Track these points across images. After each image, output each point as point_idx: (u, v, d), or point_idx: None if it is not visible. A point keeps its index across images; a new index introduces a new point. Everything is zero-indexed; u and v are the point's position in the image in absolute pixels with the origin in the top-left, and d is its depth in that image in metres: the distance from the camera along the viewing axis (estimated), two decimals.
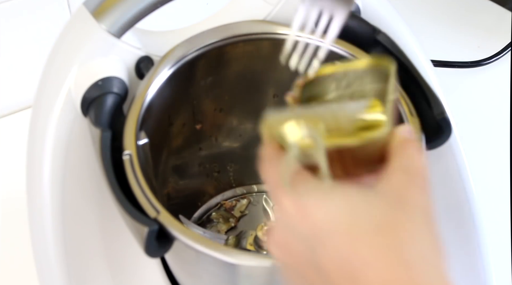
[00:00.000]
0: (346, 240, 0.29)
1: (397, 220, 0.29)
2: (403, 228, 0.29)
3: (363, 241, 0.28)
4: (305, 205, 0.30)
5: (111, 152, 0.42)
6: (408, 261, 0.28)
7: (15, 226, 0.61)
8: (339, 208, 0.29)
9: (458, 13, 0.94)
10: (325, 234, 0.29)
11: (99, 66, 0.45)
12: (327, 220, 0.29)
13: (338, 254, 0.29)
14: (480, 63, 0.84)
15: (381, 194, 0.30)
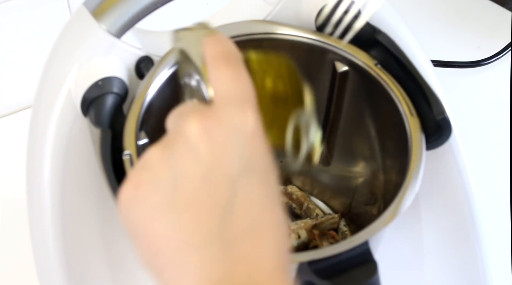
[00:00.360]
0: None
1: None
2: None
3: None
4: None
5: (111, 152, 0.42)
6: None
7: (15, 226, 0.61)
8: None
9: (458, 13, 0.94)
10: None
11: (99, 66, 0.45)
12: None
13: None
14: (480, 63, 0.84)
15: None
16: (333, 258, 0.37)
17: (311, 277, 0.36)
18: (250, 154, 0.29)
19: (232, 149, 0.29)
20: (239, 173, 0.29)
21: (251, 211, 0.29)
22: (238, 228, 0.28)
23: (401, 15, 0.53)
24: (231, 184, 0.28)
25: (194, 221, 0.28)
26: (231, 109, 0.30)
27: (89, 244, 0.53)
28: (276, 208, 0.30)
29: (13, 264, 0.64)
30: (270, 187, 0.30)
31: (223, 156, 0.29)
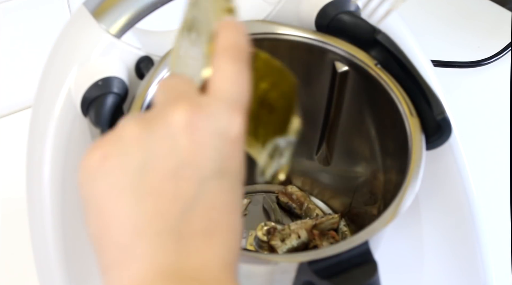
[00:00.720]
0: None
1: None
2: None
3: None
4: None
5: None
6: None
7: (15, 226, 0.61)
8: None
9: (458, 13, 0.94)
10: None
11: (99, 66, 0.45)
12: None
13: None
14: (480, 63, 0.84)
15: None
16: (333, 258, 0.37)
17: (311, 277, 0.36)
18: (226, 159, 0.29)
19: (211, 149, 0.29)
20: (210, 175, 0.28)
21: (212, 213, 0.28)
22: (195, 225, 0.28)
23: (401, 15, 0.53)
24: (199, 183, 0.28)
25: (154, 209, 0.28)
26: (222, 108, 0.29)
27: (89, 243, 0.53)
28: (235, 214, 0.30)
29: (13, 264, 0.64)
30: (235, 194, 0.30)
31: (200, 154, 0.28)
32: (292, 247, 0.57)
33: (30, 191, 0.50)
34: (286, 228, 0.57)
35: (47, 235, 0.50)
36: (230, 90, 0.30)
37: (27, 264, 0.55)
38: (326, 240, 0.58)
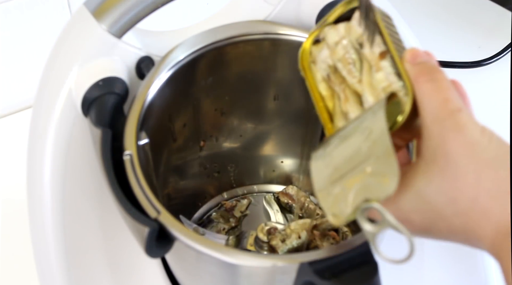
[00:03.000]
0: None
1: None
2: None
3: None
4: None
5: (112, 152, 0.42)
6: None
7: (16, 225, 0.61)
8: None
9: (459, 13, 0.94)
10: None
11: (100, 66, 0.45)
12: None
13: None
14: (480, 63, 0.84)
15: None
16: (334, 259, 0.37)
17: (311, 277, 0.36)
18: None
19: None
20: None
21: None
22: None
23: (401, 15, 0.53)
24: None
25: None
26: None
27: (89, 243, 0.53)
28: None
29: (13, 264, 0.64)
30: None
31: None
32: (292, 247, 0.57)
33: (30, 190, 0.50)
34: (287, 228, 0.57)
35: (47, 234, 0.50)
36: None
37: (28, 263, 0.55)
38: (327, 241, 0.58)
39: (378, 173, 0.34)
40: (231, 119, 0.59)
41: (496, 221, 0.32)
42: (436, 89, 0.35)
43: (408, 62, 0.37)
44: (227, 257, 0.38)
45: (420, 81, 0.36)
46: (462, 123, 0.34)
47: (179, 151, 0.58)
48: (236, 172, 0.64)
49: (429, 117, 0.35)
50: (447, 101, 0.35)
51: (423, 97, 0.36)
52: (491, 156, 0.33)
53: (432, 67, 0.36)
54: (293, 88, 0.56)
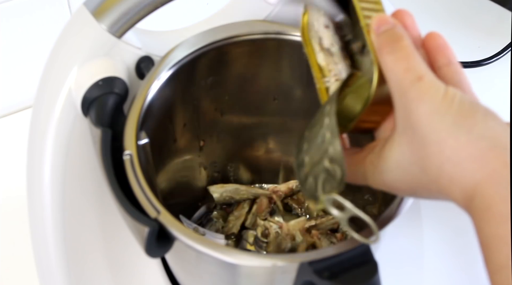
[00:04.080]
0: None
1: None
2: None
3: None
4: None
5: (112, 152, 0.42)
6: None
7: (16, 225, 0.61)
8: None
9: (458, 13, 0.94)
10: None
11: (100, 66, 0.45)
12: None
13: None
14: (480, 63, 0.84)
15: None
16: (334, 258, 0.37)
17: (311, 277, 0.36)
18: None
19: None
20: None
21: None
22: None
23: None
24: None
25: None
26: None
27: (89, 243, 0.53)
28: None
29: (13, 264, 0.64)
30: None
31: None
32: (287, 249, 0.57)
33: (30, 190, 0.50)
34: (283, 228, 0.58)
35: (47, 234, 0.50)
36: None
37: (28, 263, 0.55)
38: (328, 240, 0.58)
39: (333, 164, 0.37)
40: (231, 119, 0.59)
41: (461, 187, 0.33)
42: (397, 60, 0.35)
43: (374, 31, 0.37)
44: (227, 257, 0.38)
45: (383, 52, 0.36)
46: (423, 92, 0.34)
47: (179, 150, 0.58)
48: (236, 171, 0.64)
49: (394, 90, 0.36)
50: (408, 71, 0.35)
51: (386, 70, 0.36)
52: (450, 122, 0.33)
53: (394, 35, 0.36)
54: (293, 88, 0.56)
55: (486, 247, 0.32)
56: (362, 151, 0.40)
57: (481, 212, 0.32)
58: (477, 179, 0.32)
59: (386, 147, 0.37)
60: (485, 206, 0.32)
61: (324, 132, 0.38)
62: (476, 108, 0.34)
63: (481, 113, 0.34)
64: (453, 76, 0.38)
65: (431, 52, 0.38)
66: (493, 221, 0.31)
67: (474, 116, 0.34)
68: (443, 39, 0.38)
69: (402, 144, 0.36)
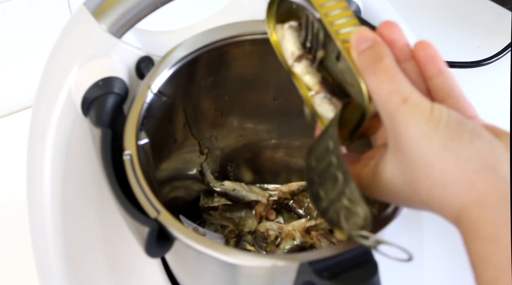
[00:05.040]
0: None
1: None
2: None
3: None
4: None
5: (112, 152, 0.42)
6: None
7: (16, 225, 0.61)
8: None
9: (458, 13, 0.94)
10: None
11: (100, 66, 0.45)
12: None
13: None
14: (480, 63, 0.84)
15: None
16: (334, 258, 0.37)
17: (311, 277, 0.36)
18: None
19: None
20: None
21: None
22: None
23: (401, 15, 0.53)
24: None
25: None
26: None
27: (89, 243, 0.53)
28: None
29: (13, 264, 0.64)
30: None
31: None
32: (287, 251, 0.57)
33: (30, 190, 0.50)
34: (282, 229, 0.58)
35: (47, 234, 0.50)
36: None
37: (28, 263, 0.55)
38: (327, 240, 0.58)
39: (353, 204, 0.36)
40: (231, 119, 0.59)
41: (450, 208, 0.34)
42: (381, 83, 0.35)
43: (354, 49, 0.36)
44: (227, 257, 0.38)
45: (366, 74, 0.36)
46: (409, 116, 0.34)
47: (179, 150, 0.58)
48: (236, 171, 0.64)
49: (381, 112, 0.35)
50: (391, 94, 0.34)
51: (372, 92, 0.36)
52: (438, 145, 0.33)
53: (375, 55, 0.36)
54: (293, 88, 0.56)
55: (475, 266, 0.33)
56: (359, 161, 0.40)
57: (468, 233, 0.33)
58: (465, 201, 0.33)
59: (380, 165, 0.37)
60: (472, 227, 0.32)
61: (335, 172, 0.37)
62: (463, 127, 0.34)
63: (468, 132, 0.33)
64: (444, 86, 0.37)
65: (421, 62, 0.38)
66: (480, 243, 0.32)
67: (461, 137, 0.33)
68: (433, 48, 0.38)
69: (393, 164, 0.36)
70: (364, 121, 0.38)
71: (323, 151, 0.39)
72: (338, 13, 0.38)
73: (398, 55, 0.37)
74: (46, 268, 0.52)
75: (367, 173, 0.38)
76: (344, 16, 0.38)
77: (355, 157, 0.41)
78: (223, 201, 0.63)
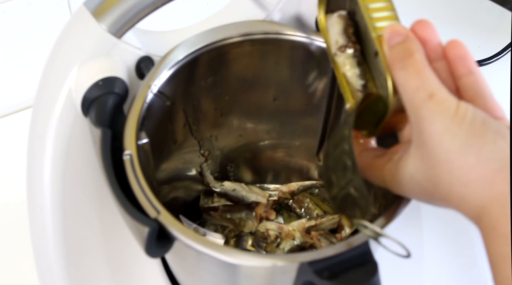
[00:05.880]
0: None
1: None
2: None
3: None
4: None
5: (112, 152, 0.42)
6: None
7: (16, 226, 0.61)
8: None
9: (458, 13, 0.94)
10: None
11: (100, 66, 0.45)
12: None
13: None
14: (480, 63, 0.84)
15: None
16: (334, 258, 0.37)
17: (311, 277, 0.36)
18: None
19: None
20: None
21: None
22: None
23: (401, 15, 0.53)
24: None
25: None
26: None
27: (89, 243, 0.53)
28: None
29: (13, 264, 0.64)
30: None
31: None
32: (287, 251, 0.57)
33: (30, 190, 0.50)
34: (282, 229, 0.57)
35: (47, 234, 0.50)
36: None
37: (28, 263, 0.55)
38: (327, 241, 0.58)
39: (358, 193, 0.38)
40: (231, 119, 0.59)
41: (469, 206, 0.34)
42: (409, 76, 0.35)
43: (386, 43, 0.37)
44: (227, 257, 0.38)
45: (395, 68, 0.36)
46: (434, 111, 0.34)
47: (179, 150, 0.58)
48: (236, 171, 0.64)
49: (407, 107, 0.36)
50: (419, 88, 0.35)
51: (399, 85, 0.36)
52: (461, 142, 0.33)
53: (406, 49, 0.36)
54: (293, 88, 0.56)
55: (493, 265, 0.33)
56: (384, 155, 0.40)
57: (488, 231, 0.33)
58: (485, 200, 0.33)
59: (403, 159, 0.37)
60: (492, 226, 0.33)
61: (346, 159, 0.38)
62: (487, 126, 0.34)
63: (492, 132, 0.34)
64: (473, 86, 0.38)
65: (451, 61, 0.38)
66: (499, 241, 0.32)
67: (485, 136, 0.33)
68: (464, 48, 0.38)
69: (416, 159, 0.36)
70: (386, 115, 0.38)
71: (340, 138, 0.39)
72: (380, 6, 0.39)
73: (429, 54, 0.38)
74: (46, 268, 0.52)
75: (390, 167, 0.39)
76: (385, 10, 0.39)
77: (381, 151, 0.41)
78: (223, 201, 0.63)
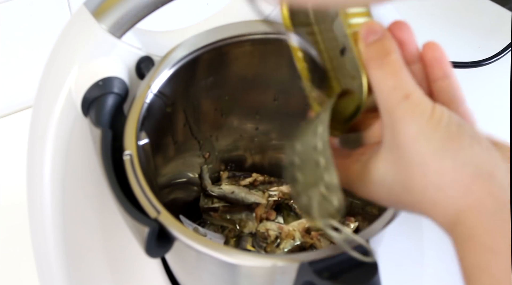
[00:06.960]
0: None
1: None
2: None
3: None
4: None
5: (112, 152, 0.42)
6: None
7: (16, 225, 0.61)
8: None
9: (458, 13, 0.94)
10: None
11: (100, 66, 0.45)
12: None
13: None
14: (480, 63, 0.84)
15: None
16: (334, 259, 0.37)
17: (311, 277, 0.36)
18: None
19: None
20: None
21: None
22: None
23: (401, 15, 0.53)
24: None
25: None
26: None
27: (89, 243, 0.53)
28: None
29: (13, 264, 0.64)
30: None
31: None
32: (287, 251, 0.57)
33: (30, 190, 0.50)
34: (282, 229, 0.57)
35: (47, 234, 0.50)
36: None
37: (28, 263, 0.55)
38: (326, 241, 0.58)
39: (330, 192, 0.36)
40: (231, 120, 0.59)
41: (443, 212, 0.33)
42: (385, 76, 0.35)
43: (363, 41, 0.36)
44: (227, 257, 0.38)
45: (371, 67, 0.35)
46: (410, 112, 0.33)
47: (179, 150, 0.58)
48: (235, 171, 0.64)
49: (381, 107, 0.35)
50: (395, 89, 0.34)
51: (374, 85, 0.35)
52: (436, 145, 0.32)
53: (382, 48, 0.35)
54: (293, 88, 0.56)
55: (468, 276, 0.32)
56: (350, 156, 0.39)
57: (463, 240, 0.32)
58: (460, 207, 0.32)
59: (372, 161, 0.36)
60: (468, 234, 0.32)
61: (318, 157, 0.37)
62: (462, 131, 0.33)
63: (468, 136, 0.33)
64: (448, 90, 0.37)
65: (428, 64, 0.38)
66: (476, 250, 0.31)
67: (460, 140, 0.33)
68: (440, 50, 0.37)
69: (387, 161, 0.35)
70: (358, 114, 0.37)
71: (310, 135, 0.38)
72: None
73: (406, 56, 0.37)
74: (46, 268, 0.53)
75: (356, 168, 0.37)
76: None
77: (346, 152, 0.40)
78: (223, 202, 0.63)
